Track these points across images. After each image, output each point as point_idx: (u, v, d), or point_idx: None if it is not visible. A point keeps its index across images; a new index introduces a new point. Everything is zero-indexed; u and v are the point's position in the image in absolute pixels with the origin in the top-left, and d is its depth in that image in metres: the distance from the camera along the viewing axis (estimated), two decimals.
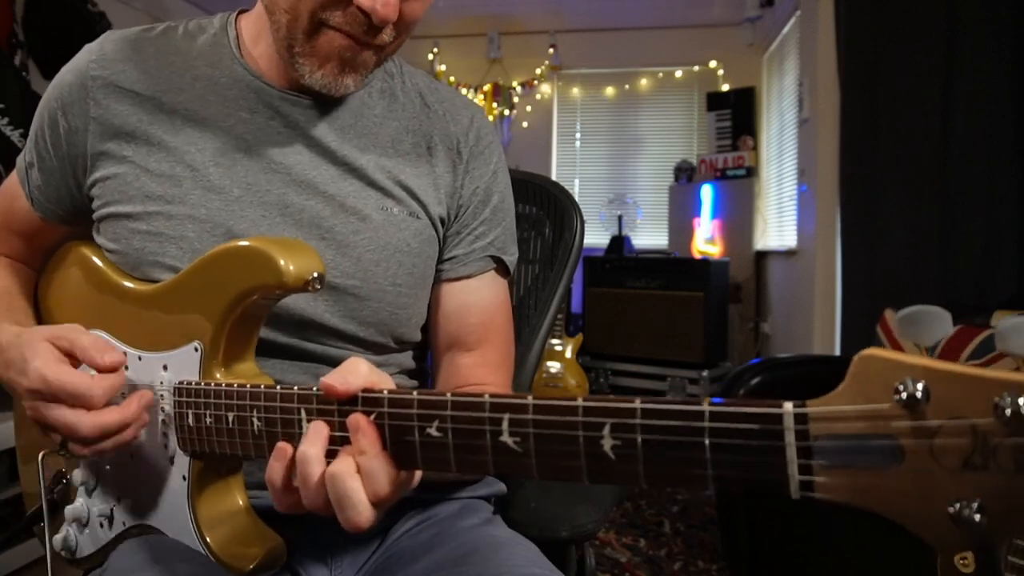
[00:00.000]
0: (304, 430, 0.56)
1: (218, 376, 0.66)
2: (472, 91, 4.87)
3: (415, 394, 0.50)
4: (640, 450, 0.41)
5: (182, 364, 0.67)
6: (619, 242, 4.43)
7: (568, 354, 3.64)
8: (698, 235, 4.35)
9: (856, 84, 2.70)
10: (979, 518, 0.32)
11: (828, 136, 2.94)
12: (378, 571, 0.77)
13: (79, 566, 0.78)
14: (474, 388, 0.82)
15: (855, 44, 2.71)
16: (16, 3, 2.92)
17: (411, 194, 0.81)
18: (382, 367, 0.82)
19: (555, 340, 3.63)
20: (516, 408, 0.46)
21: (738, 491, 0.37)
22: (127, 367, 0.71)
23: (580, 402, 0.43)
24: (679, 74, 4.70)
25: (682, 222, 4.43)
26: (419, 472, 0.55)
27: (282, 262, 0.62)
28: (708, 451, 0.39)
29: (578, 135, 4.93)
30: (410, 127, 0.84)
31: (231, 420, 0.61)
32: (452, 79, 4.90)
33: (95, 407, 0.65)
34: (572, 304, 4.24)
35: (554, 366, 3.61)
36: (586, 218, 1.12)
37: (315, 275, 0.63)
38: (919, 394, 0.33)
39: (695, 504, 2.72)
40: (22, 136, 2.61)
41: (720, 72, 4.59)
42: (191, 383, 0.66)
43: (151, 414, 0.69)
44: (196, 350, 0.66)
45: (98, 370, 0.66)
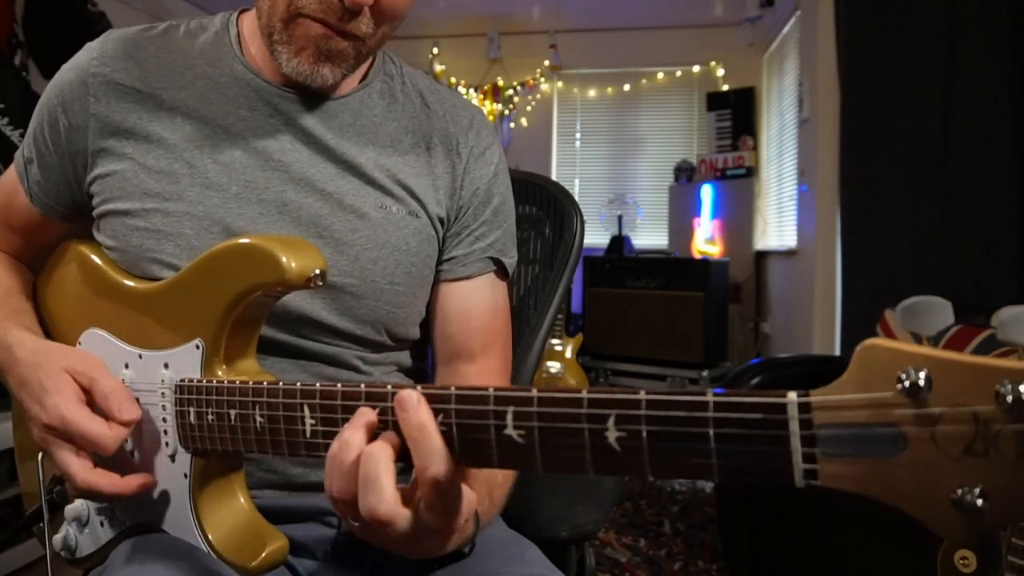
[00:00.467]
0: (306, 426, 0.56)
1: (220, 374, 0.66)
2: (472, 91, 4.88)
3: (419, 388, 0.51)
4: (645, 441, 0.41)
5: (183, 362, 0.67)
6: (619, 242, 4.43)
7: (568, 354, 3.64)
8: (698, 235, 4.35)
9: (856, 84, 2.71)
10: (981, 503, 0.32)
11: (828, 136, 2.95)
12: (378, 571, 0.77)
13: (79, 565, 0.78)
14: None
15: (855, 44, 2.71)
16: (16, 3, 2.92)
17: (410, 193, 0.82)
18: (379, 365, 0.83)
19: (555, 340, 3.63)
20: (520, 401, 0.46)
21: (743, 480, 0.37)
22: (127, 365, 0.71)
23: (585, 394, 0.43)
24: (679, 74, 4.71)
25: (682, 222, 4.44)
26: (470, 518, 0.54)
27: (284, 259, 0.62)
28: (713, 441, 0.39)
29: (578, 135, 4.93)
30: (410, 127, 0.84)
31: (233, 417, 0.61)
32: (452, 79, 4.91)
33: (106, 454, 0.66)
34: (572, 304, 4.24)
35: (554, 366, 3.61)
36: (586, 218, 1.12)
37: (317, 272, 0.63)
38: (921, 382, 0.33)
39: (695, 504, 2.72)
40: (22, 136, 2.60)
41: (720, 72, 4.60)
42: (193, 381, 0.66)
43: (152, 412, 0.69)
44: (197, 348, 0.66)
45: (115, 422, 0.66)
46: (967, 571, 0.35)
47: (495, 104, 4.85)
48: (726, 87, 4.55)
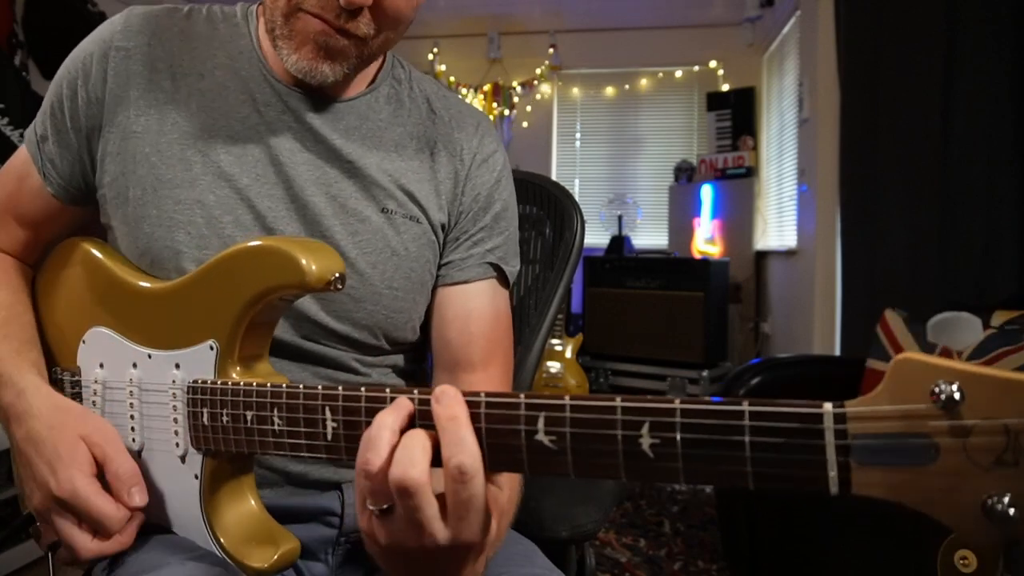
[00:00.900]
0: (328, 428, 0.57)
1: (233, 375, 0.66)
2: (472, 91, 4.87)
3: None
4: (680, 448, 0.42)
5: (196, 362, 0.67)
6: (619, 242, 4.43)
7: (568, 354, 3.65)
8: (698, 235, 4.35)
9: (856, 84, 2.71)
10: (1012, 512, 0.33)
11: (828, 136, 2.95)
12: (379, 571, 0.77)
13: (80, 566, 0.78)
14: None
15: (855, 44, 2.72)
16: (16, 3, 2.91)
17: (412, 198, 0.82)
18: (376, 368, 0.83)
19: (555, 340, 3.64)
20: (552, 407, 0.47)
21: (777, 487, 0.38)
22: (135, 365, 0.71)
23: (619, 402, 0.44)
24: (679, 74, 4.71)
25: (682, 222, 4.44)
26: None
27: (304, 262, 0.62)
28: (748, 449, 0.40)
29: (578, 135, 4.93)
30: (415, 133, 0.84)
31: (250, 419, 0.61)
32: (452, 79, 4.91)
33: (109, 535, 0.67)
34: (572, 304, 4.24)
35: (554, 366, 3.62)
36: (586, 218, 1.12)
37: (337, 275, 0.63)
38: (956, 395, 0.34)
39: (695, 504, 2.73)
40: (22, 136, 2.60)
41: (720, 72, 4.60)
42: (207, 382, 0.66)
43: (162, 412, 0.69)
44: (211, 349, 0.66)
45: (123, 504, 0.67)
46: (967, 571, 0.35)
47: (495, 104, 4.85)
48: (726, 87, 4.56)
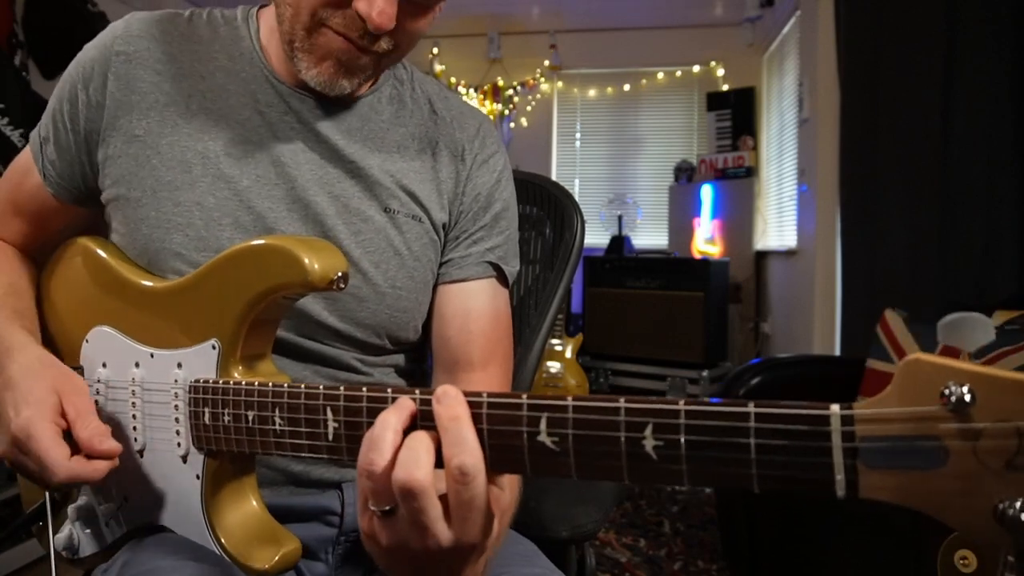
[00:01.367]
0: (329, 429, 0.56)
1: (235, 375, 0.66)
2: (472, 91, 4.87)
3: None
4: (684, 451, 0.41)
5: (197, 362, 0.67)
6: (619, 242, 4.43)
7: (568, 354, 3.65)
8: (698, 235, 4.35)
9: (856, 84, 2.71)
10: None
11: (828, 136, 2.95)
12: (379, 571, 0.77)
13: (81, 565, 0.78)
14: None
15: (855, 44, 2.71)
16: (16, 3, 2.91)
17: (414, 198, 0.82)
18: (377, 367, 0.83)
19: (555, 340, 3.63)
20: (555, 408, 0.46)
21: (783, 489, 0.37)
22: (138, 364, 0.71)
23: (622, 403, 0.44)
24: (679, 74, 4.71)
25: (682, 222, 4.44)
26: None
27: (307, 261, 0.62)
28: (754, 451, 0.39)
29: (578, 135, 4.93)
30: (416, 133, 0.85)
31: (252, 419, 0.61)
32: (452, 79, 4.90)
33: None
34: (572, 304, 4.24)
35: (554, 366, 3.61)
36: (586, 218, 1.12)
37: (340, 274, 0.63)
38: (966, 397, 0.33)
39: (695, 504, 2.73)
40: (22, 136, 2.60)
41: (720, 72, 4.60)
42: (208, 381, 0.65)
43: (163, 412, 0.69)
44: (213, 348, 0.66)
45: (93, 453, 0.65)
46: (967, 571, 0.35)
47: (495, 104, 4.84)
48: (726, 87, 4.55)
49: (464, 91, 4.87)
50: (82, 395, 0.68)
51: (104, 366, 0.74)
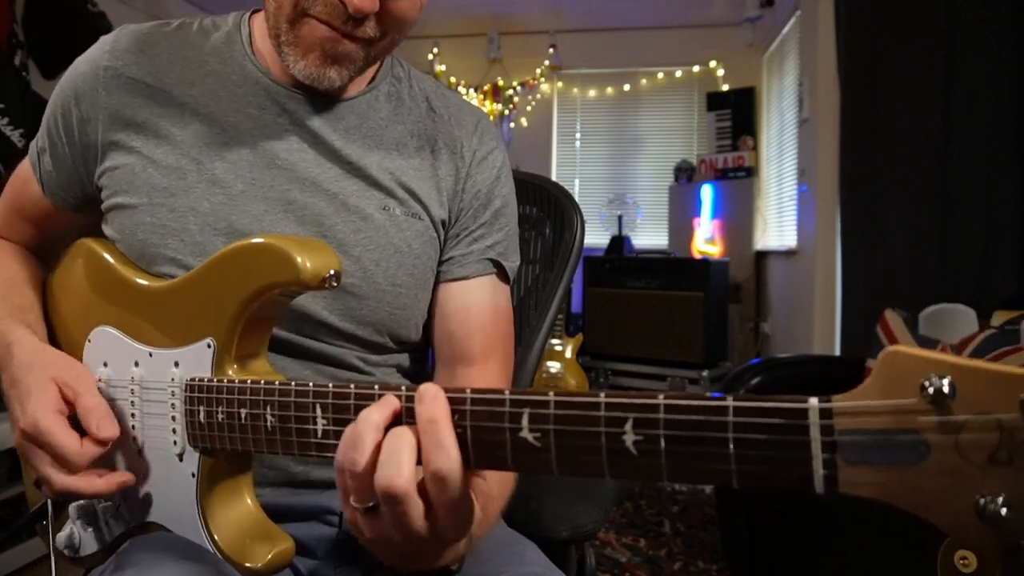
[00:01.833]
0: (318, 426, 0.57)
1: (231, 373, 0.66)
2: (472, 91, 4.87)
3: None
4: (663, 446, 0.41)
5: (194, 361, 0.67)
6: (619, 242, 4.43)
7: (568, 354, 3.64)
8: (698, 235, 4.35)
9: (856, 84, 2.71)
10: (1005, 512, 0.32)
11: (828, 136, 2.95)
12: (379, 570, 0.77)
13: (82, 564, 0.78)
14: None
15: (855, 44, 2.71)
16: (16, 3, 2.91)
17: (413, 196, 0.82)
18: (380, 366, 0.83)
19: (555, 340, 3.63)
20: (536, 404, 0.46)
21: (762, 485, 0.37)
22: (137, 363, 0.71)
23: (602, 397, 0.43)
24: (679, 74, 4.71)
25: (682, 222, 4.44)
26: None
27: (299, 259, 0.62)
28: (732, 446, 0.39)
29: (578, 135, 4.93)
30: (415, 130, 0.85)
31: (244, 416, 0.61)
32: (452, 79, 4.90)
33: (74, 472, 0.66)
34: (572, 304, 4.24)
35: (554, 366, 3.61)
36: (586, 218, 1.12)
37: (332, 273, 0.63)
38: (945, 389, 0.33)
39: (695, 504, 2.72)
40: (22, 136, 2.61)
41: (720, 72, 4.60)
42: (203, 380, 0.66)
43: (161, 410, 0.69)
44: (209, 347, 0.66)
45: (91, 439, 0.67)
46: (967, 571, 0.35)
47: (495, 104, 4.84)
48: (726, 87, 4.55)
49: (464, 91, 4.87)
50: (79, 378, 0.70)
51: (105, 365, 0.74)
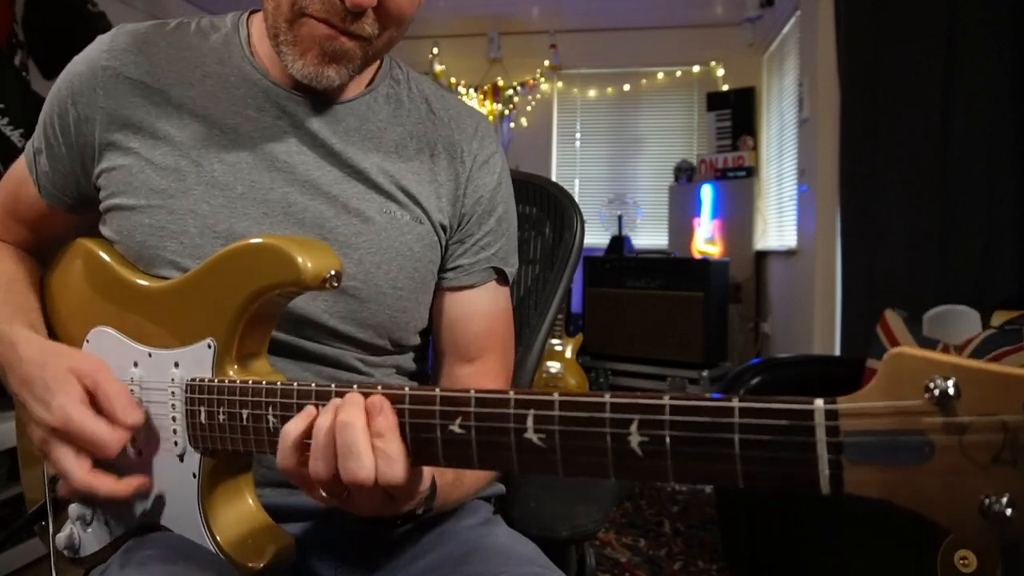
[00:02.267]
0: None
1: (231, 373, 0.66)
2: (472, 91, 4.87)
3: (437, 391, 0.51)
4: (669, 446, 0.41)
5: (194, 361, 0.67)
6: (619, 242, 4.43)
7: (568, 354, 3.64)
8: (698, 235, 4.35)
9: (856, 84, 2.71)
10: (1010, 513, 0.32)
11: (828, 136, 2.95)
12: (379, 570, 0.77)
13: (81, 565, 0.78)
14: None
15: (855, 44, 2.71)
16: (16, 3, 2.91)
17: (413, 199, 0.82)
18: (380, 368, 0.83)
19: (555, 340, 3.63)
20: (541, 404, 0.46)
21: (768, 486, 0.37)
22: (136, 364, 0.71)
23: (607, 398, 0.43)
24: (679, 74, 4.70)
25: (682, 222, 4.43)
26: (427, 480, 0.58)
27: (300, 260, 0.62)
28: (738, 447, 0.39)
29: (578, 135, 4.93)
30: (414, 133, 0.84)
31: (245, 417, 0.61)
32: (452, 79, 4.90)
33: (108, 457, 0.66)
34: (572, 304, 4.24)
35: (554, 366, 3.61)
36: (586, 218, 1.12)
37: (332, 273, 0.63)
38: (950, 391, 0.33)
39: (695, 504, 2.72)
40: (22, 136, 2.60)
41: (720, 72, 4.59)
42: (204, 380, 0.66)
43: (161, 411, 0.69)
44: (209, 347, 0.66)
45: (118, 425, 0.66)
46: (967, 571, 0.35)
47: (495, 104, 4.84)
48: (726, 87, 4.55)
49: (464, 91, 4.87)
50: (96, 367, 0.69)
51: None
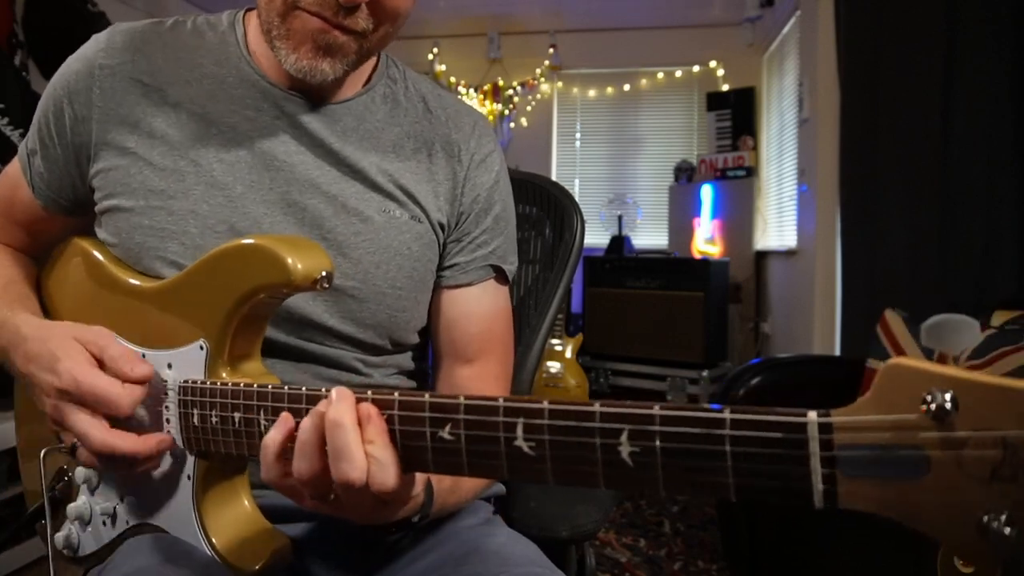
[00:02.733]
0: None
1: (224, 375, 0.66)
2: (472, 91, 4.87)
3: (427, 396, 0.50)
4: (659, 457, 0.40)
5: (187, 362, 0.67)
6: (619, 242, 4.42)
7: (568, 354, 3.64)
8: (698, 235, 4.35)
9: (856, 84, 2.70)
10: (1008, 531, 0.31)
11: (828, 136, 2.94)
12: (378, 571, 0.77)
13: (80, 564, 0.78)
14: None
15: (855, 44, 2.71)
16: (16, 3, 2.91)
17: (412, 198, 0.81)
18: (380, 368, 0.83)
19: (555, 340, 3.63)
20: (531, 413, 0.45)
21: (759, 499, 0.36)
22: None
23: (597, 407, 0.43)
24: (679, 74, 4.70)
25: (682, 222, 4.43)
26: (419, 485, 0.56)
27: (290, 261, 0.61)
28: (729, 459, 0.38)
29: (578, 135, 4.92)
30: (412, 132, 0.84)
31: (238, 421, 0.61)
32: (452, 79, 4.90)
33: (122, 415, 0.65)
34: (572, 304, 4.23)
35: (554, 366, 3.61)
36: (586, 218, 1.12)
37: (324, 274, 0.63)
38: (948, 404, 0.32)
39: (695, 504, 2.72)
40: (22, 136, 2.60)
41: (720, 72, 4.59)
42: (196, 382, 0.65)
43: (155, 412, 0.68)
44: (201, 348, 0.66)
45: (126, 381, 0.66)
46: (967, 571, 0.34)
47: (495, 104, 4.84)
48: (726, 87, 4.54)
49: (464, 91, 4.87)
50: (99, 333, 0.69)
51: None
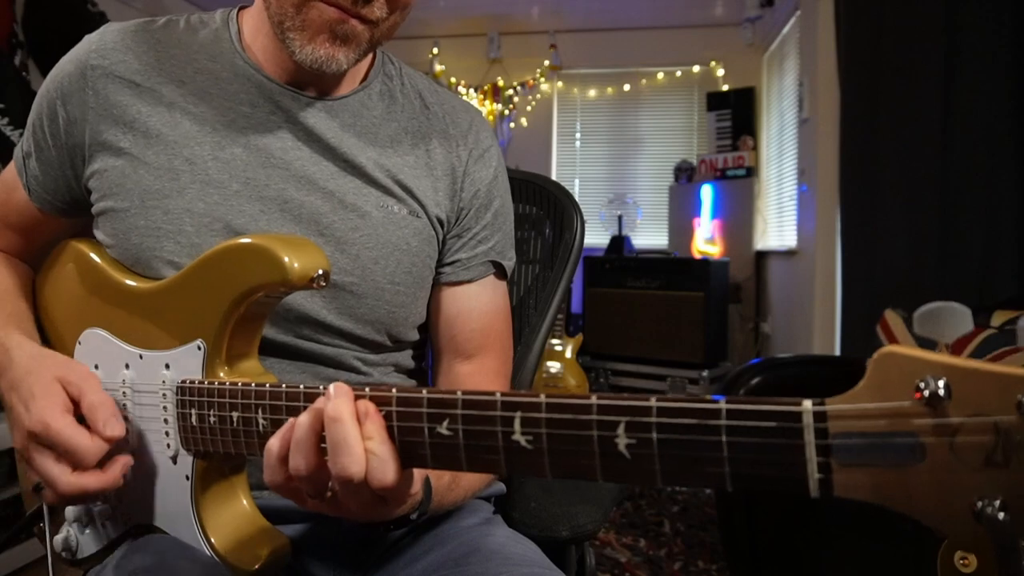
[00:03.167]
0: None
1: (222, 375, 0.66)
2: (472, 91, 4.87)
3: (424, 392, 0.50)
4: (656, 449, 0.40)
5: (184, 363, 0.67)
6: (619, 242, 4.43)
7: (568, 354, 3.64)
8: (698, 235, 4.35)
9: (856, 84, 2.71)
10: (1002, 516, 0.31)
11: (828, 136, 2.94)
12: (377, 571, 0.77)
13: (80, 566, 0.77)
14: None
15: (855, 44, 2.71)
16: (16, 3, 2.91)
17: (410, 193, 0.81)
18: (378, 366, 0.82)
19: (555, 340, 3.63)
20: (528, 407, 0.45)
21: (756, 488, 0.37)
22: (128, 365, 0.71)
23: (594, 400, 0.43)
24: (679, 74, 4.70)
25: (682, 222, 4.44)
26: (418, 482, 0.56)
27: (286, 259, 0.61)
28: (725, 449, 0.38)
29: (578, 135, 4.93)
30: (409, 128, 0.84)
31: (236, 420, 0.61)
32: (452, 79, 4.90)
33: (84, 468, 0.65)
34: (572, 304, 4.24)
35: (554, 366, 3.61)
36: (586, 218, 1.11)
37: (320, 272, 0.62)
38: (941, 391, 0.32)
39: (695, 504, 2.72)
40: (22, 136, 2.60)
41: (720, 72, 4.59)
42: (194, 382, 0.65)
43: (153, 413, 0.68)
44: (199, 348, 0.66)
45: (98, 436, 0.65)
46: (967, 571, 0.34)
47: (495, 104, 4.84)
48: (726, 87, 4.55)
49: (464, 91, 4.87)
50: (83, 377, 0.68)
51: (96, 368, 0.74)
